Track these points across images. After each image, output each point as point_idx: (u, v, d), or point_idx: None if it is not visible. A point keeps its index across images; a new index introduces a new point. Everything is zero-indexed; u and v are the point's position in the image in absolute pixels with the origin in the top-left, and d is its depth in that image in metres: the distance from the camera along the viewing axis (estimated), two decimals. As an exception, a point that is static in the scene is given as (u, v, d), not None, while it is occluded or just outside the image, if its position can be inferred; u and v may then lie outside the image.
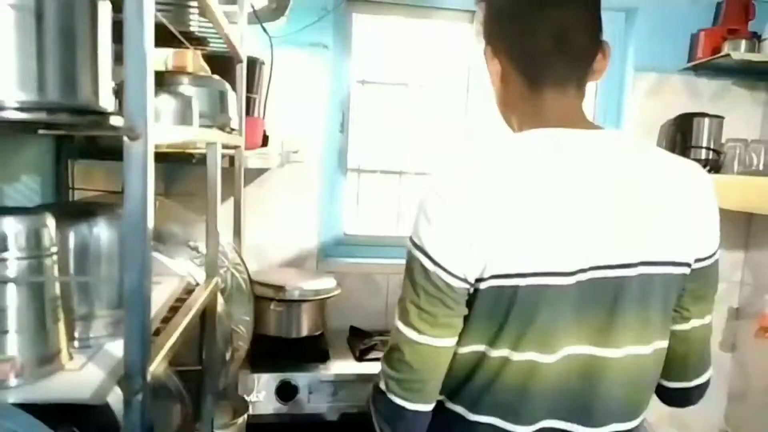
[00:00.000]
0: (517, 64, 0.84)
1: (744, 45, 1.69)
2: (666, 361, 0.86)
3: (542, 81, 0.83)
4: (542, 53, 0.81)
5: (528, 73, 0.83)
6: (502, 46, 0.85)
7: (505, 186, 0.78)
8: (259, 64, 1.60)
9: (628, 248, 0.79)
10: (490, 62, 0.86)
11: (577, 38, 0.81)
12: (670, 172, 0.83)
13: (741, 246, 1.99)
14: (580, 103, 0.85)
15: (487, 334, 0.80)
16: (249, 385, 1.41)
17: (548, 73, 0.82)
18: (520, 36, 0.82)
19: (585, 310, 0.80)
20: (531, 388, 0.81)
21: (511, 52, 0.84)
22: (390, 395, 0.80)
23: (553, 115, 0.83)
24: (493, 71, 0.86)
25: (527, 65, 0.83)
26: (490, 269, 0.76)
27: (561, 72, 0.82)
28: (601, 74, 0.88)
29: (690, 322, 0.88)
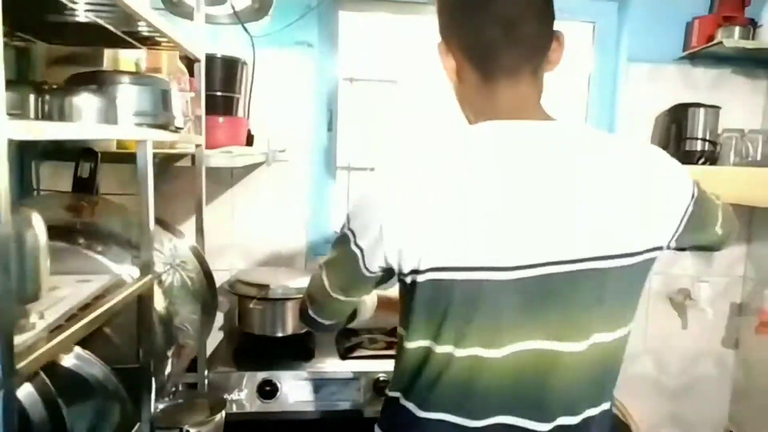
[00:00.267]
0: (469, 58, 0.83)
1: (738, 32, 1.63)
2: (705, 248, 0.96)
3: (494, 73, 0.82)
4: (492, 45, 0.81)
5: (480, 66, 0.82)
6: (454, 41, 0.84)
7: (444, 180, 0.78)
8: (240, 63, 1.60)
9: (579, 243, 0.78)
10: (444, 58, 0.86)
11: (526, 29, 0.80)
12: (626, 162, 0.81)
13: (743, 240, 1.93)
14: (534, 94, 0.84)
15: (431, 328, 0.81)
16: (231, 383, 1.42)
17: (499, 65, 0.81)
18: (470, 29, 0.82)
19: (536, 305, 0.79)
20: (477, 384, 0.80)
21: (463, 46, 0.83)
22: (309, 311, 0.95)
23: (506, 107, 0.83)
24: (448, 67, 0.86)
25: (479, 58, 0.82)
26: (427, 262, 0.77)
27: (512, 63, 0.81)
28: (556, 64, 0.87)
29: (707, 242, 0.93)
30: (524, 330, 0.79)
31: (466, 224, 0.76)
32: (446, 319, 0.79)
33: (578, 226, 0.78)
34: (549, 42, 0.83)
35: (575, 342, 0.80)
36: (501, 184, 0.77)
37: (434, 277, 0.77)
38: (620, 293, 0.81)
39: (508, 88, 0.82)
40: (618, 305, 0.82)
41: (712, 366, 1.99)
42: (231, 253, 1.79)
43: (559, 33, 0.85)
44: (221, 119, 1.56)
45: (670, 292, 1.92)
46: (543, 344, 0.80)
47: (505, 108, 0.82)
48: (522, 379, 0.80)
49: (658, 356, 1.97)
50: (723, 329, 1.97)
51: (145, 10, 0.65)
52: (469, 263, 0.76)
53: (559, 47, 0.86)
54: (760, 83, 1.86)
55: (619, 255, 0.79)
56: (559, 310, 0.79)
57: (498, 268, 0.77)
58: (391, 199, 0.79)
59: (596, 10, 1.87)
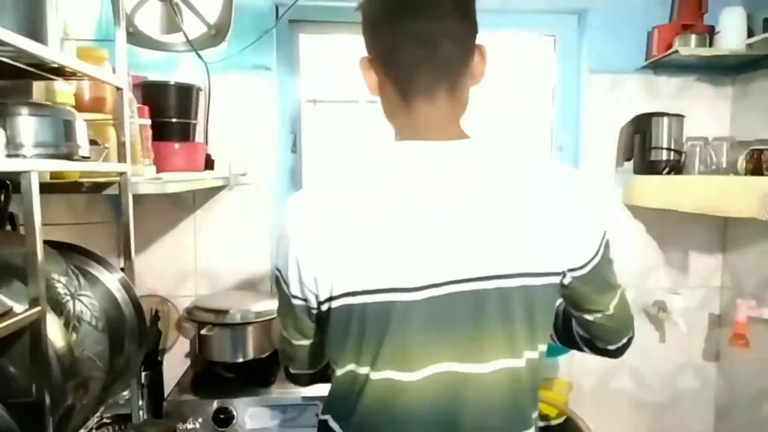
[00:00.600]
0: (387, 75, 0.83)
1: (694, 40, 1.62)
2: (590, 331, 0.91)
3: (411, 91, 0.82)
4: (408, 63, 0.80)
5: (398, 83, 0.82)
6: (375, 57, 0.84)
7: (352, 204, 0.78)
8: (195, 90, 1.61)
9: (484, 261, 0.77)
10: (365, 73, 0.85)
11: (443, 46, 0.79)
12: (539, 183, 0.80)
13: (718, 249, 1.90)
14: (452, 112, 0.83)
15: (352, 353, 0.81)
16: (187, 412, 1.40)
17: (415, 83, 0.81)
18: (387, 47, 0.82)
19: (445, 325, 0.77)
20: (394, 408, 0.79)
21: (381, 63, 0.83)
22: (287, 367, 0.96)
23: (421, 125, 0.82)
24: (369, 82, 0.86)
25: (396, 75, 0.82)
26: (339, 288, 0.77)
27: (429, 81, 0.81)
28: (481, 77, 0.87)
29: (593, 315, 0.88)
30: (435, 352, 0.78)
31: (374, 247, 0.76)
32: (363, 342, 0.79)
33: (483, 244, 0.77)
34: (468, 58, 0.83)
35: (481, 364, 0.78)
36: (408, 206, 0.77)
37: (347, 302, 0.77)
38: (526, 315, 0.79)
39: (424, 106, 0.82)
40: (524, 327, 0.79)
41: (693, 380, 1.94)
42: (194, 279, 1.78)
43: (481, 46, 0.85)
44: (177, 145, 1.56)
45: (645, 305, 1.88)
46: (454, 366, 0.78)
47: (421, 127, 0.82)
48: (439, 404, 0.79)
49: (636, 371, 1.92)
50: (702, 341, 1.93)
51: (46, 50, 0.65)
52: (378, 286, 0.76)
53: (482, 61, 0.85)
54: (725, 90, 1.84)
55: (524, 274, 0.78)
56: (465, 330, 0.78)
57: (406, 289, 0.76)
58: (300, 228, 0.79)
59: (556, 22, 1.86)
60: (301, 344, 0.89)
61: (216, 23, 1.66)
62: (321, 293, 0.78)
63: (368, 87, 0.86)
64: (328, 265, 0.76)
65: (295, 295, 0.81)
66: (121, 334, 0.99)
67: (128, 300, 0.99)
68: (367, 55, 0.85)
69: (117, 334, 0.99)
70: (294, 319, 0.85)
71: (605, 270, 0.86)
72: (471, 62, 0.83)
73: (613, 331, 0.92)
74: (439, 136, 0.80)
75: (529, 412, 0.83)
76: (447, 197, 0.77)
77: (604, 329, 0.91)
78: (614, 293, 0.89)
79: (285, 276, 0.81)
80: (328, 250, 0.76)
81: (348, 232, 0.76)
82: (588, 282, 0.85)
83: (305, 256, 0.78)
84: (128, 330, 0.99)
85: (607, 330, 0.91)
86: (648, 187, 1.71)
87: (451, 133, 0.82)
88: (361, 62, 0.85)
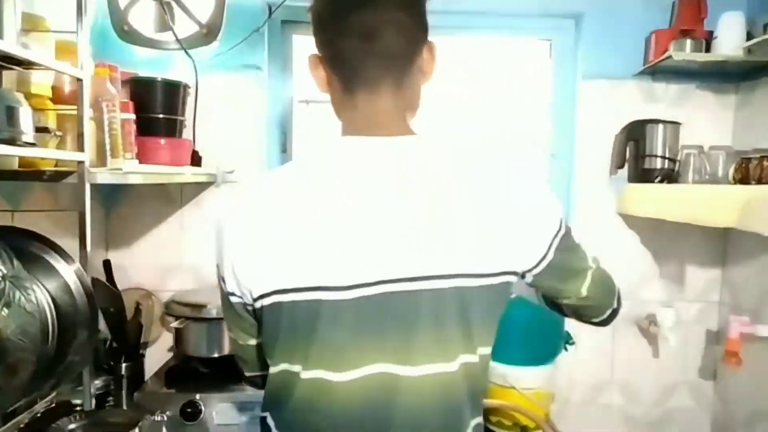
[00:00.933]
0: (333, 69, 0.82)
1: (690, 45, 1.56)
2: (570, 310, 0.92)
3: (354, 85, 0.81)
4: (351, 57, 0.79)
5: (343, 77, 0.81)
6: (322, 53, 0.83)
7: (286, 201, 0.77)
8: (182, 87, 1.63)
9: (416, 261, 0.75)
10: (313, 69, 0.85)
11: (387, 39, 0.78)
12: (481, 183, 0.78)
13: (718, 263, 1.82)
14: (397, 108, 0.82)
15: (284, 351, 0.80)
16: (156, 404, 1.41)
17: (358, 77, 0.80)
18: (332, 40, 0.81)
19: (377, 326, 0.76)
20: (323, 408, 0.78)
21: (327, 57, 0.82)
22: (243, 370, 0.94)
23: (363, 121, 0.81)
24: (318, 79, 0.85)
25: (340, 70, 0.81)
26: (270, 285, 0.76)
27: (371, 75, 0.80)
28: (430, 75, 0.85)
29: (567, 300, 0.89)
30: (367, 353, 0.76)
31: (304, 244, 0.75)
32: (293, 342, 0.78)
33: (416, 244, 0.75)
34: (415, 53, 0.81)
35: (412, 367, 0.76)
36: (341, 203, 0.76)
37: (277, 300, 0.76)
38: (461, 317, 0.77)
39: (367, 101, 0.81)
40: (459, 330, 0.77)
41: (688, 398, 1.86)
42: (181, 274, 1.80)
43: (431, 43, 0.84)
44: (163, 141, 1.59)
45: (637, 318, 1.82)
46: (386, 368, 0.76)
47: (363, 122, 0.81)
48: (368, 406, 0.77)
49: (627, 386, 1.86)
50: (699, 359, 1.85)
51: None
52: (307, 284, 0.75)
53: (431, 58, 0.84)
54: (728, 98, 1.77)
55: (459, 275, 0.75)
56: (397, 331, 0.76)
57: (335, 288, 0.74)
58: (234, 225, 0.78)
59: (553, 26, 1.83)
60: (248, 344, 0.87)
61: (208, 22, 1.69)
62: (254, 290, 0.77)
63: (317, 84, 0.85)
64: (260, 262, 0.76)
65: (232, 292, 0.80)
66: (74, 322, 1.00)
67: (82, 289, 1.00)
68: (316, 53, 0.84)
69: (70, 321, 1.00)
70: (236, 317, 0.84)
71: (566, 261, 0.84)
72: (419, 58, 0.82)
73: (591, 308, 0.92)
74: (381, 131, 0.79)
75: (465, 418, 0.80)
76: (382, 195, 0.76)
77: (582, 308, 0.92)
78: (583, 278, 0.87)
79: (222, 273, 0.80)
80: (260, 246, 0.76)
81: (280, 229, 0.75)
82: (549, 277, 0.84)
83: (238, 252, 0.77)
84: (80, 318, 1.00)
85: (586, 308, 0.92)
86: (641, 196, 1.65)
87: (395, 129, 0.80)
88: (310, 59, 0.84)
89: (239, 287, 0.79)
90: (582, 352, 1.82)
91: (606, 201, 1.80)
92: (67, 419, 1.26)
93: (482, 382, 0.82)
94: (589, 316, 0.95)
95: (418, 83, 0.85)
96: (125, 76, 1.56)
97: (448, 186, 0.77)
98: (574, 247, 0.87)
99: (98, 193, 1.73)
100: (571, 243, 0.86)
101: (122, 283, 1.72)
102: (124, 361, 1.61)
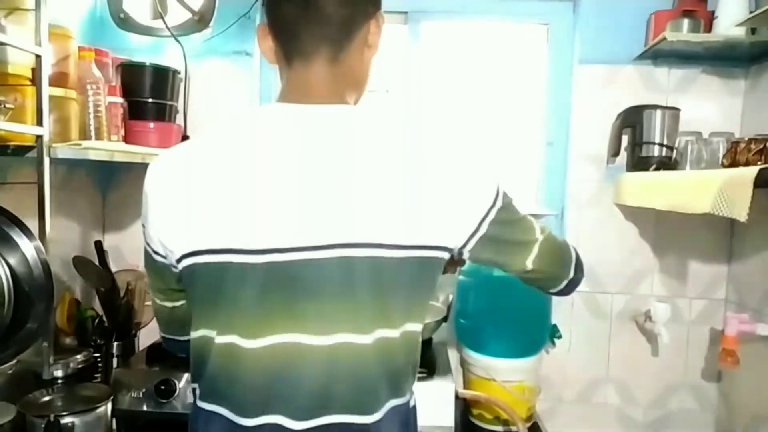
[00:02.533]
0: (276, 37, 0.82)
1: (687, 25, 1.48)
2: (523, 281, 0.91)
3: (292, 52, 0.81)
4: (291, 23, 0.79)
5: (282, 44, 0.82)
6: (268, 21, 0.83)
7: (207, 163, 0.77)
8: (171, 72, 1.66)
9: (330, 229, 0.74)
10: (261, 39, 0.84)
11: (327, 7, 0.77)
12: (409, 156, 0.77)
13: (723, 259, 1.72)
14: (332, 79, 0.81)
15: (200, 315, 0.81)
16: (133, 381, 1.44)
17: (297, 45, 0.80)
18: (274, 7, 0.81)
19: (289, 293, 0.75)
20: (236, 375, 0.78)
21: (270, 25, 0.82)
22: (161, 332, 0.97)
23: (295, 88, 0.81)
24: (264, 49, 0.85)
25: (282, 37, 0.81)
26: (188, 246, 0.77)
27: (309, 42, 0.79)
28: (375, 48, 0.84)
29: (515, 273, 0.88)
30: (277, 320, 0.76)
31: (221, 207, 0.75)
32: (206, 305, 0.79)
33: (330, 211, 0.74)
34: (358, 23, 0.80)
35: (322, 336, 0.75)
36: (260, 168, 0.75)
37: (193, 262, 0.77)
38: (374, 288, 0.75)
39: (301, 70, 0.80)
40: (372, 301, 0.75)
41: (690, 401, 1.77)
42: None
43: (378, 15, 0.82)
44: (152, 125, 1.62)
45: (635, 313, 1.74)
46: (296, 337, 0.75)
47: (294, 89, 0.81)
48: (273, 374, 0.76)
49: (623, 385, 1.78)
50: (702, 359, 1.76)
51: None
52: (219, 245, 0.75)
53: (378, 30, 0.83)
54: (737, 84, 1.67)
55: (375, 245, 0.73)
56: (308, 299, 0.75)
57: (244, 251, 0.74)
58: (157, 186, 0.79)
59: (550, 10, 1.77)
60: (170, 305, 0.89)
61: (200, 9, 1.72)
62: (175, 251, 0.78)
63: (265, 55, 0.85)
64: (180, 223, 0.76)
65: (157, 251, 0.81)
66: (30, 293, 1.03)
67: (39, 263, 1.03)
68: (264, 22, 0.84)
69: (26, 292, 1.04)
70: (159, 277, 0.86)
71: (505, 234, 0.82)
72: (362, 29, 0.81)
73: (543, 279, 0.91)
74: (311, 99, 0.78)
75: (379, 396, 0.78)
76: (301, 161, 0.75)
77: (533, 281, 0.91)
78: (527, 251, 0.85)
79: (147, 232, 0.82)
80: (179, 207, 0.76)
81: (198, 191, 0.76)
82: (486, 251, 0.82)
83: (161, 212, 0.78)
84: (37, 291, 1.03)
85: (537, 280, 0.91)
86: (635, 185, 1.58)
87: (327, 98, 0.79)
88: (258, 29, 0.84)
89: (164, 248, 0.79)
90: (575, 348, 1.76)
91: (603, 191, 1.73)
92: (42, 391, 1.31)
93: (401, 361, 0.80)
94: (543, 288, 0.93)
95: (364, 57, 0.83)
96: (115, 62, 1.60)
97: (373, 156, 0.75)
98: (516, 220, 0.84)
99: (94, 176, 1.78)
100: (512, 216, 0.83)
101: (119, 264, 1.76)
102: (115, 340, 1.65)
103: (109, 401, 1.32)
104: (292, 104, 0.79)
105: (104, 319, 1.66)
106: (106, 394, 1.32)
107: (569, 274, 0.91)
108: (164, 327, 0.93)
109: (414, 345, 0.82)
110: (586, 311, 1.75)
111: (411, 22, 1.81)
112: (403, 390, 0.81)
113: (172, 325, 0.91)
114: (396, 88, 1.85)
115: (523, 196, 1.80)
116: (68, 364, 1.42)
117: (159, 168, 0.80)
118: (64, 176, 1.61)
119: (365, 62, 0.84)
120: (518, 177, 1.85)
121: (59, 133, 1.29)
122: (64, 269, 1.60)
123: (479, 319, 1.57)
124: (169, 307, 0.89)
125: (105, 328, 1.66)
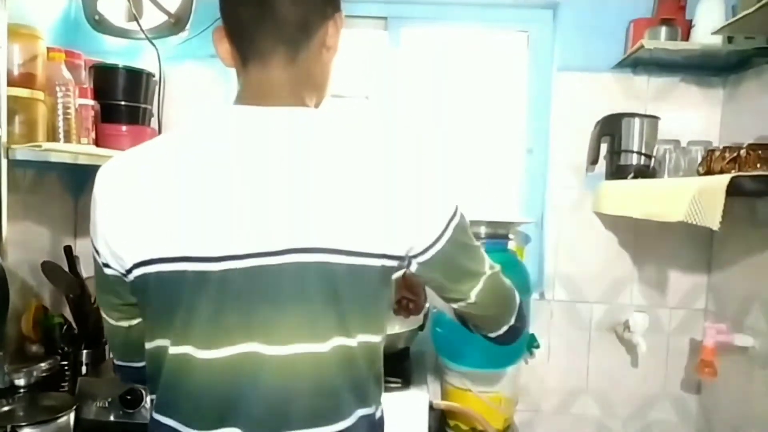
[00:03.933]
0: (232, 40, 0.79)
1: (664, 33, 1.48)
2: (461, 317, 0.89)
3: (248, 53, 0.78)
4: (245, 24, 0.77)
5: (238, 46, 0.79)
6: (224, 24, 0.80)
7: (157, 169, 0.75)
8: (144, 75, 1.63)
9: (284, 234, 0.71)
10: (217, 43, 0.82)
11: (283, 8, 0.75)
12: (370, 157, 0.74)
13: (703, 269, 1.71)
14: (289, 81, 0.78)
15: (153, 326, 0.78)
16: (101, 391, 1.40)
17: (252, 46, 0.78)
18: (229, 8, 0.78)
19: (245, 302, 0.72)
20: (185, 386, 0.74)
21: (226, 27, 0.80)
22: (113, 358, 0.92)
23: (250, 90, 0.79)
24: (221, 53, 0.82)
25: (236, 39, 0.79)
26: (138, 255, 0.73)
27: (263, 44, 0.77)
28: (334, 50, 0.82)
29: (456, 303, 0.84)
30: (233, 329, 0.72)
31: (173, 214, 0.72)
32: (160, 315, 0.75)
33: (286, 216, 0.71)
34: (315, 24, 0.78)
35: (280, 345, 0.72)
36: (213, 172, 0.73)
37: (145, 271, 0.74)
38: (329, 295, 0.72)
39: (258, 72, 0.78)
40: (328, 309, 0.72)
41: (670, 412, 1.75)
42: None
43: (336, 17, 0.80)
44: (124, 128, 1.59)
45: (614, 324, 1.72)
46: (252, 347, 0.72)
47: (249, 91, 0.78)
48: (231, 386, 0.73)
49: (603, 395, 1.76)
50: (682, 370, 1.74)
51: None
52: (174, 253, 0.72)
53: (336, 32, 0.81)
54: (715, 93, 1.67)
55: (327, 250, 0.71)
56: (264, 307, 0.72)
57: (200, 259, 0.71)
58: (105, 193, 0.76)
59: (530, 17, 1.76)
60: (126, 325, 0.85)
61: (176, 12, 1.70)
62: (126, 260, 0.74)
63: (222, 59, 0.83)
64: (130, 231, 0.73)
65: (107, 263, 0.78)
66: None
67: (-7, 265, 1.00)
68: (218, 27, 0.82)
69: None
70: (113, 293, 0.81)
71: (458, 258, 0.80)
72: (320, 30, 0.79)
73: (482, 318, 0.88)
74: (269, 101, 0.76)
75: (345, 405, 0.75)
76: (254, 165, 0.72)
77: (472, 317, 0.87)
78: (475, 281, 0.82)
79: (96, 243, 0.78)
80: (130, 215, 0.73)
81: (149, 197, 0.73)
82: (436, 269, 0.79)
83: (109, 220, 0.75)
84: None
85: (476, 317, 0.88)
86: (613, 193, 1.57)
87: (285, 100, 0.77)
88: (214, 32, 0.82)
89: (114, 257, 0.75)
90: (554, 358, 1.74)
91: (583, 199, 1.72)
92: (1, 401, 1.26)
93: (363, 370, 0.77)
94: (481, 328, 0.90)
95: (322, 59, 0.81)
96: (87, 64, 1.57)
97: (330, 159, 0.73)
98: (471, 246, 0.82)
99: (67, 182, 1.74)
100: (468, 240, 0.81)
101: (91, 270, 1.72)
102: (84, 348, 1.61)
103: (71, 411, 1.27)
104: (248, 106, 0.76)
105: (73, 326, 1.62)
106: (69, 404, 1.28)
107: (510, 320, 0.88)
108: (120, 352, 0.88)
109: (375, 356, 0.79)
110: (565, 321, 1.73)
111: (391, 28, 1.80)
112: (368, 401, 0.78)
113: (128, 348, 0.86)
114: (375, 94, 1.83)
115: (503, 203, 1.79)
116: (31, 373, 1.37)
117: (109, 172, 0.77)
118: (33, 179, 1.58)
119: (324, 64, 0.82)
120: (498, 184, 1.83)
121: (25, 135, 1.26)
122: (33, 275, 1.56)
123: (456, 328, 1.54)
124: (125, 327, 0.84)
125: (74, 335, 1.61)
